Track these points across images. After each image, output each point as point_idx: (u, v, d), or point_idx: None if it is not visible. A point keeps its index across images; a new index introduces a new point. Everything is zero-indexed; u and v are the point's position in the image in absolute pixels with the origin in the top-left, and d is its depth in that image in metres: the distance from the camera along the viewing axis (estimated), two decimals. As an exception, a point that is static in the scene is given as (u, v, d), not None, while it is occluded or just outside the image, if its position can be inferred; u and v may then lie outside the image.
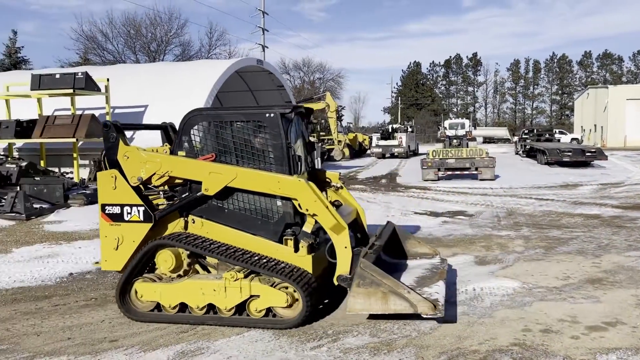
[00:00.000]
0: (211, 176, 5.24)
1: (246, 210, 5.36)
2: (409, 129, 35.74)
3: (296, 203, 5.11)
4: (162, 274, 5.32)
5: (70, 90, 15.52)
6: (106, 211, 5.42)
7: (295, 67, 65.41)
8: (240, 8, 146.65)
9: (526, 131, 34.08)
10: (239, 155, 5.36)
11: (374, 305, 4.78)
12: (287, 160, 5.22)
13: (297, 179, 5.10)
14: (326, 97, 30.30)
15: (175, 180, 5.50)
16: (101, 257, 5.54)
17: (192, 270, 5.40)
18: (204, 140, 5.47)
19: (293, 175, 5.19)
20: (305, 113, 6.08)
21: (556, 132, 37.75)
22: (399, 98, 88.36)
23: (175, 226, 5.49)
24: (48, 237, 9.54)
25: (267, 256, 5.18)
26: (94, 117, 15.18)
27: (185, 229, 5.46)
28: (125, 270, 5.35)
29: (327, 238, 5.20)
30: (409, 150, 33.48)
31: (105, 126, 5.50)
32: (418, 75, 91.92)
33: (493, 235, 9.09)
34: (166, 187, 5.71)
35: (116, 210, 5.38)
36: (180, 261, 5.29)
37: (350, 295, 4.81)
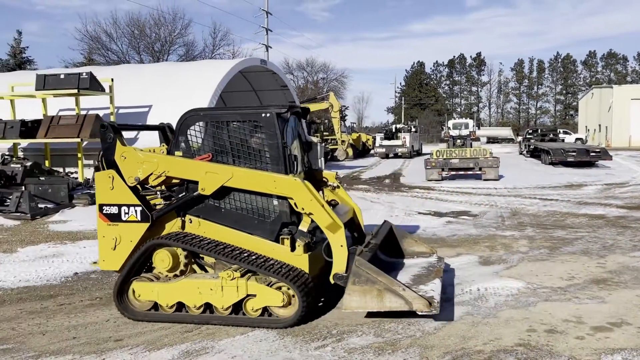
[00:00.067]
0: (207, 176, 5.26)
1: (243, 209, 5.38)
2: (413, 129, 35.74)
3: (292, 202, 5.13)
4: (160, 274, 5.34)
5: (75, 91, 15.58)
6: (104, 211, 5.44)
7: (298, 67, 65.49)
8: (243, 8, 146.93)
9: (530, 131, 34.00)
10: (235, 155, 5.38)
11: (369, 303, 4.79)
12: (283, 159, 5.24)
13: (293, 178, 5.13)
14: (330, 97, 30.32)
15: (172, 180, 5.53)
16: (99, 257, 5.58)
17: (189, 270, 5.42)
18: (201, 140, 5.49)
19: (289, 174, 5.21)
20: (302, 113, 6.08)
21: (560, 132, 37.69)
22: (403, 98, 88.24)
23: (173, 226, 5.51)
24: (53, 237, 9.58)
25: (264, 255, 5.19)
26: (99, 117, 15.22)
27: (183, 229, 5.48)
28: (123, 270, 5.37)
29: (324, 237, 5.21)
30: (412, 150, 33.50)
31: (103, 127, 5.52)
32: (422, 75, 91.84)
33: (497, 236, 9.07)
34: (163, 187, 5.73)
35: (114, 210, 5.41)
36: (177, 261, 5.31)
37: (346, 293, 4.82)
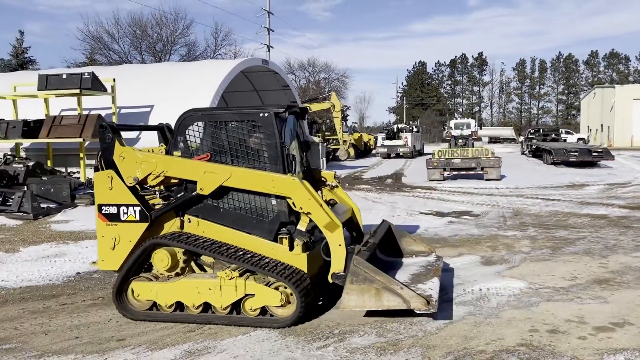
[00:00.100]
0: (206, 176, 5.27)
1: (241, 209, 5.39)
2: (414, 129, 35.75)
3: (290, 202, 5.14)
4: (159, 273, 5.35)
5: (77, 91, 15.60)
6: (103, 211, 5.45)
7: (300, 67, 65.45)
8: (245, 8, 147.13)
9: (532, 131, 33.96)
10: (233, 154, 5.39)
11: (367, 302, 4.81)
12: (282, 159, 5.25)
13: (291, 177, 5.14)
14: (331, 97, 30.31)
15: (171, 180, 5.53)
16: (98, 257, 5.59)
17: (188, 270, 5.43)
18: (200, 140, 5.50)
19: (287, 174, 5.22)
20: (300, 113, 6.09)
21: (562, 132, 37.61)
22: (404, 98, 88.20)
23: (172, 226, 5.52)
24: (55, 237, 9.60)
25: (262, 255, 5.20)
26: (101, 117, 15.24)
27: (181, 229, 5.49)
28: (122, 269, 5.38)
29: (323, 236, 5.22)
30: (414, 150, 33.49)
31: (101, 127, 5.53)
32: (423, 75, 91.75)
33: (499, 236, 9.07)
34: (162, 187, 5.73)
35: (113, 210, 5.42)
36: (176, 260, 5.32)
37: (344, 292, 4.83)
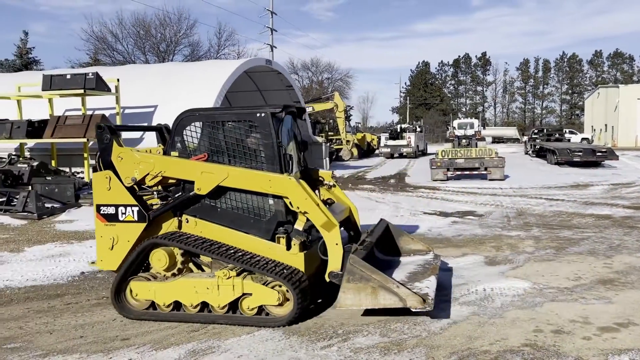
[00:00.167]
0: (203, 176, 5.28)
1: (239, 209, 5.40)
2: (418, 129, 35.70)
3: (287, 201, 5.16)
4: (157, 273, 5.37)
5: (81, 91, 15.64)
6: (101, 211, 5.47)
7: (303, 67, 65.43)
8: (248, 8, 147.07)
9: (536, 131, 33.90)
10: (231, 154, 5.40)
11: (363, 300, 4.82)
12: (278, 159, 5.26)
13: (288, 177, 5.15)
14: (334, 97, 30.35)
15: (168, 181, 5.55)
16: (97, 257, 5.61)
17: (186, 269, 5.45)
18: (197, 140, 5.52)
19: (284, 174, 5.23)
20: (297, 113, 6.11)
21: (566, 132, 37.56)
22: (408, 98, 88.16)
23: (170, 226, 5.54)
24: (59, 236, 9.63)
25: (260, 254, 5.22)
26: (105, 117, 15.29)
27: (179, 229, 5.51)
28: (120, 269, 5.40)
29: (320, 236, 5.23)
30: (417, 150, 33.46)
31: (99, 128, 5.54)
32: (427, 75, 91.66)
33: (503, 236, 9.05)
34: (160, 187, 5.75)
35: (111, 210, 5.44)
36: (174, 260, 5.34)
37: (341, 291, 4.86)
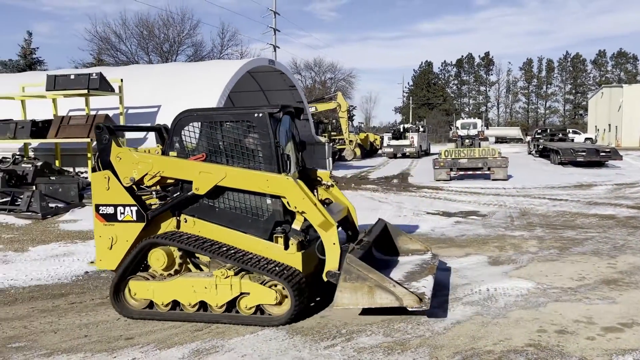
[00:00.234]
0: (201, 176, 5.31)
1: (236, 208, 5.43)
2: (421, 129, 35.68)
3: (285, 201, 5.17)
4: (155, 273, 5.39)
5: (85, 91, 15.65)
6: (100, 211, 5.50)
7: (306, 67, 65.36)
8: (251, 8, 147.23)
9: (539, 131, 33.82)
10: (229, 154, 5.43)
11: (360, 300, 4.84)
12: (276, 159, 5.28)
13: (285, 177, 5.17)
14: (337, 97, 30.34)
15: (167, 180, 5.57)
16: (96, 257, 5.64)
17: (184, 269, 5.48)
18: (195, 140, 5.54)
19: (282, 173, 5.24)
20: (295, 113, 6.12)
21: (570, 132, 37.42)
22: (411, 98, 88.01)
23: (168, 225, 5.57)
24: (64, 236, 9.67)
25: (257, 254, 5.24)
26: (108, 118, 15.31)
27: (178, 228, 5.54)
28: (119, 269, 5.42)
29: (318, 235, 5.24)
30: (420, 150, 33.44)
31: (98, 128, 5.56)
32: (430, 75, 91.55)
33: (506, 236, 9.04)
34: (158, 187, 5.77)
35: (110, 210, 5.47)
36: (172, 259, 5.37)
37: (338, 290, 4.88)
